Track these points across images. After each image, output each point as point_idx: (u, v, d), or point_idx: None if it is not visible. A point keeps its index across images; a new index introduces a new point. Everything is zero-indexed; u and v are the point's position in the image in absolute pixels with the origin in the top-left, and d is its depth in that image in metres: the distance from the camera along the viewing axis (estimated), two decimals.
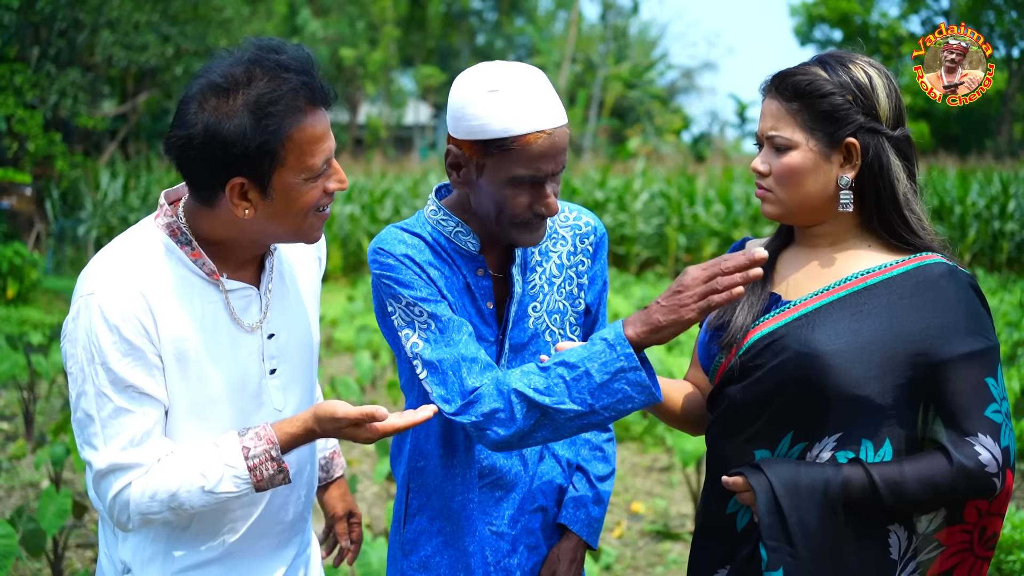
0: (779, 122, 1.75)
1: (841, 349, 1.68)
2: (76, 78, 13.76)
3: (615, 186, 15.49)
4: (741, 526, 1.80)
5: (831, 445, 1.70)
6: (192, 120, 1.60)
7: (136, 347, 1.63)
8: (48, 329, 8.82)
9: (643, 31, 38.21)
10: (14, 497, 4.88)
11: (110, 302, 1.63)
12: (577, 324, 2.01)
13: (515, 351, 1.95)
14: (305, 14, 28.89)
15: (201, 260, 1.71)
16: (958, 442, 1.65)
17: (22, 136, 13.00)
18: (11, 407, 6.58)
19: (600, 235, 2.03)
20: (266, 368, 1.79)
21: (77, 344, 1.64)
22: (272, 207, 1.66)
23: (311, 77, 1.64)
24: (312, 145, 1.64)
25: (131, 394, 1.64)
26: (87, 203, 14.61)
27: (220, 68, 1.63)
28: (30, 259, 10.99)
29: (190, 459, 1.68)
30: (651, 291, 11.31)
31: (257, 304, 1.78)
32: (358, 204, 15.31)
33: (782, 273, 1.85)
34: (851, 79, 1.73)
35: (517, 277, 1.94)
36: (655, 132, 33.11)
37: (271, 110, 1.59)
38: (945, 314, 1.68)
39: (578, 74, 33.03)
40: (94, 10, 13.88)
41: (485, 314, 1.92)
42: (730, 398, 1.79)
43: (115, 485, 1.66)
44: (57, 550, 3.63)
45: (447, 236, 1.91)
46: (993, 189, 14.34)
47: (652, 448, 6.05)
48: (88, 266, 1.70)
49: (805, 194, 1.75)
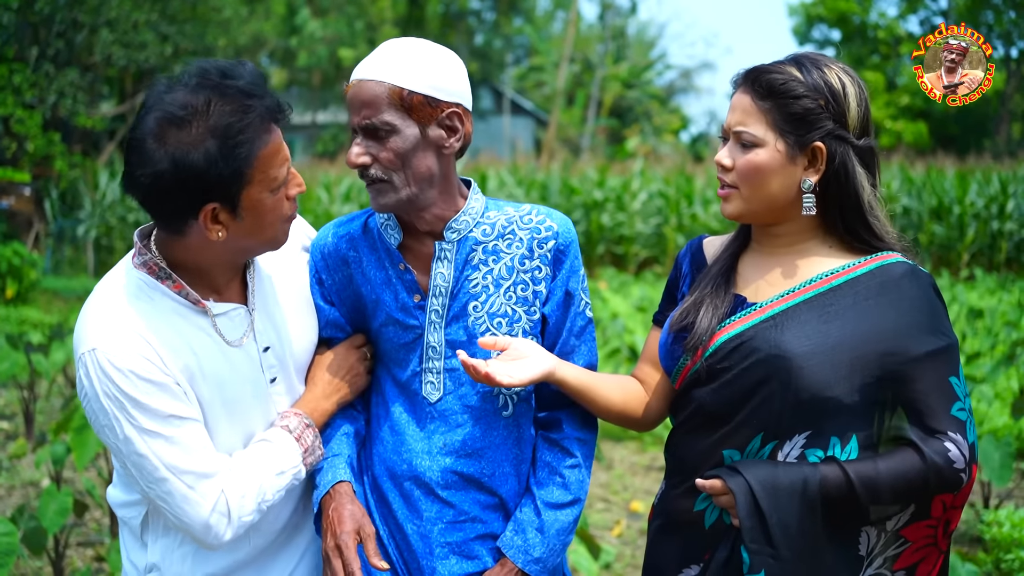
0: (749, 118, 1.74)
1: (811, 351, 1.69)
2: (75, 78, 13.75)
3: (613, 186, 15.50)
4: (709, 523, 1.80)
5: (800, 443, 1.71)
6: (157, 156, 1.59)
7: (157, 382, 1.66)
8: (48, 328, 8.82)
9: (641, 31, 38.21)
10: (15, 496, 4.88)
11: (114, 351, 1.64)
12: (533, 334, 1.93)
13: (452, 347, 1.90)
14: (304, 14, 28.86)
15: (184, 291, 1.73)
16: (927, 439, 1.67)
17: (21, 136, 12.99)
18: (11, 406, 6.58)
19: (564, 242, 1.93)
20: (267, 378, 1.83)
21: (100, 398, 1.65)
22: (243, 225, 1.68)
23: (271, 98, 1.66)
24: (274, 158, 1.67)
25: (173, 422, 1.67)
26: (86, 203, 14.61)
27: (174, 100, 1.61)
28: (29, 259, 10.99)
29: (252, 456, 1.76)
30: (649, 291, 11.32)
31: (246, 320, 1.81)
32: (357, 204, 15.31)
33: (745, 275, 1.85)
34: (825, 83, 1.72)
35: (440, 271, 1.89)
36: (653, 132, 33.12)
37: (241, 139, 1.61)
38: (909, 313, 1.70)
39: (576, 74, 33.04)
40: (93, 10, 13.87)
41: (409, 307, 1.90)
42: (698, 401, 1.79)
43: (209, 497, 1.68)
44: (58, 548, 3.64)
45: (379, 227, 1.94)
46: (992, 189, 14.36)
47: (651, 447, 6.06)
48: (80, 322, 1.70)
49: (768, 194, 1.75)
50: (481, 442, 1.91)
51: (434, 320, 1.89)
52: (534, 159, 21.95)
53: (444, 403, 1.91)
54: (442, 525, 1.90)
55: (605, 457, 5.77)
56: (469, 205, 1.91)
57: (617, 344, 7.51)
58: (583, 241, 14.71)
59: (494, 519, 1.93)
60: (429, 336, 1.89)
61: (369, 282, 1.93)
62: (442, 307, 1.89)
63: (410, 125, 1.78)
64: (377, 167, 1.79)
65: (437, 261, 1.89)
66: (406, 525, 1.92)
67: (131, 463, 1.67)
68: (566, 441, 1.95)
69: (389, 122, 1.76)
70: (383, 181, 1.80)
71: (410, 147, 1.78)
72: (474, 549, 1.91)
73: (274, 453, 1.77)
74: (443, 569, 1.89)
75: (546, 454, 1.95)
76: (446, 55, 1.83)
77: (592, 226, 14.77)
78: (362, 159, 1.79)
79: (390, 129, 1.77)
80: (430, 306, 1.89)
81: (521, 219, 1.93)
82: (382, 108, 1.76)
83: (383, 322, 1.92)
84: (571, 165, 18.74)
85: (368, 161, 1.79)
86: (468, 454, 1.91)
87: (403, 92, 1.76)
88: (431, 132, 1.80)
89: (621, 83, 32.98)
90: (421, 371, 1.91)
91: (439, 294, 1.89)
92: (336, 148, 27.38)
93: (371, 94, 1.77)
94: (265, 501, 1.74)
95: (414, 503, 1.91)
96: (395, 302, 1.90)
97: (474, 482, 1.91)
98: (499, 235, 1.91)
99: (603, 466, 5.70)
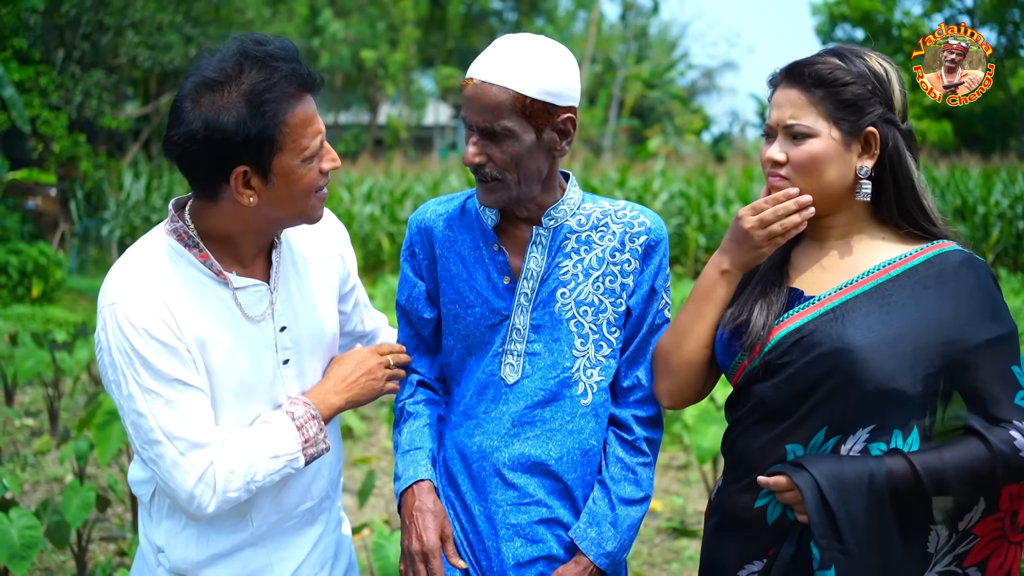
0: (799, 111, 1.74)
1: (875, 343, 1.68)
2: (100, 79, 13.90)
3: (635, 186, 15.46)
4: (771, 519, 1.78)
5: (864, 437, 1.70)
6: (190, 117, 1.66)
7: (168, 344, 1.69)
8: (72, 327, 8.93)
9: (663, 31, 38.13)
10: (39, 491, 4.95)
11: (133, 308, 1.69)
12: (617, 325, 1.95)
13: (536, 331, 1.94)
14: (326, 15, 29.01)
15: (209, 261, 1.77)
16: (992, 428, 1.66)
17: (47, 137, 13.15)
18: (36, 403, 6.67)
19: (656, 238, 1.95)
20: (279, 359, 1.85)
21: (111, 351, 1.70)
22: (274, 192, 1.72)
23: (298, 64, 1.71)
24: (306, 128, 1.71)
25: (176, 386, 1.70)
26: (111, 203, 14.74)
27: (211, 65, 1.68)
28: (55, 259, 11.12)
29: (249, 434, 1.77)
30: (672, 291, 11.27)
31: (267, 298, 1.84)
32: (378, 204, 15.37)
33: (799, 268, 1.84)
34: (869, 69, 1.74)
35: (534, 254, 1.93)
36: (675, 132, 33.03)
37: (267, 97, 1.66)
38: (969, 302, 1.70)
39: (598, 74, 33.00)
40: (118, 12, 14.02)
41: (499, 288, 1.94)
42: (759, 396, 1.77)
43: (197, 466, 1.71)
44: (81, 542, 3.69)
45: (478, 208, 1.98)
46: (1017, 189, 14.21)
47: (669, 446, 6.06)
48: (106, 278, 1.76)
49: (826, 183, 1.75)
50: (553, 427, 1.93)
51: (522, 303, 1.93)
52: None
53: (521, 386, 1.94)
54: (507, 507, 1.93)
55: None
56: (567, 196, 1.95)
57: None
58: None
59: (559, 505, 1.94)
60: (516, 318, 1.93)
61: (462, 260, 1.97)
62: (531, 291, 1.93)
63: (528, 131, 1.81)
64: (492, 167, 1.83)
65: (532, 245, 1.93)
66: (473, 507, 1.96)
67: (130, 421, 1.71)
68: (638, 441, 1.97)
69: (509, 128, 1.80)
70: (496, 180, 1.85)
71: (526, 151, 1.82)
72: (538, 533, 1.93)
73: (272, 436, 1.78)
74: (507, 551, 1.92)
75: (619, 450, 1.97)
76: (564, 57, 1.86)
77: None
78: (479, 159, 1.83)
79: (508, 134, 1.80)
80: (520, 288, 1.93)
81: (616, 213, 1.97)
82: (503, 114, 1.79)
83: (470, 302, 1.96)
84: (592, 165, 18.71)
85: (483, 161, 1.83)
86: (539, 437, 1.93)
87: (526, 100, 1.79)
88: (546, 136, 1.84)
89: (643, 83, 32.92)
90: (503, 352, 1.94)
91: (530, 277, 1.93)
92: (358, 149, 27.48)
93: (494, 100, 1.79)
94: (255, 482, 1.75)
95: (481, 484, 1.95)
96: (487, 282, 1.95)
97: (541, 466, 1.93)
98: (593, 226, 1.95)
99: None
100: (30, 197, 13.68)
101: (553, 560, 1.93)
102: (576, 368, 1.93)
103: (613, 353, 1.96)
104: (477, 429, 1.95)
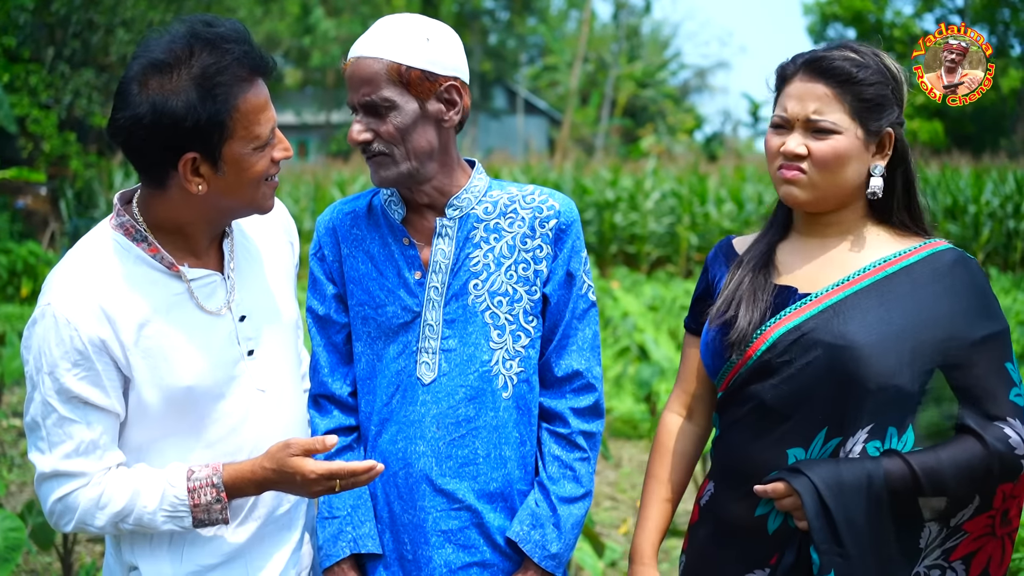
0: (825, 106, 1.72)
1: (877, 339, 1.67)
2: (90, 78, 13.83)
3: (626, 185, 15.47)
4: (773, 528, 1.75)
5: (863, 437, 1.68)
6: (137, 100, 1.60)
7: (87, 358, 1.64)
8: None
9: (655, 30, 38.15)
10: (25, 492, 4.92)
11: (65, 312, 1.63)
12: (534, 314, 1.91)
13: (450, 326, 1.89)
14: (318, 14, 28.95)
15: (159, 255, 1.71)
16: (987, 425, 1.66)
17: (37, 136, 13.08)
18: (23, 404, 6.63)
19: (566, 221, 1.91)
20: (243, 350, 1.79)
21: (31, 351, 1.67)
22: (224, 181, 1.67)
23: (250, 47, 1.66)
24: (258, 114, 1.66)
25: (76, 404, 1.65)
26: (101, 202, 14.69)
27: (159, 46, 1.62)
28: (44, 258, 11.08)
29: (139, 476, 1.70)
30: (662, 290, 11.30)
31: (223, 289, 1.78)
32: None
33: (789, 264, 1.81)
34: (887, 68, 1.74)
35: (441, 247, 1.89)
36: (667, 131, 33.06)
37: (218, 80, 1.61)
38: (964, 299, 1.70)
39: (590, 73, 33.00)
40: (108, 10, 13.96)
41: (410, 284, 1.90)
42: (758, 398, 1.75)
43: (57, 491, 1.68)
44: (67, 544, 3.66)
45: (383, 204, 1.94)
46: (1007, 188, 14.25)
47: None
48: (49, 275, 1.71)
49: (843, 180, 1.74)
50: (478, 424, 1.88)
51: (433, 298, 1.88)
52: (547, 158, 21.94)
53: (439, 384, 1.88)
54: (437, 513, 1.88)
55: (613, 456, 5.76)
56: (472, 183, 1.91)
57: (627, 343, 7.51)
58: (595, 241, 14.69)
59: (490, 508, 1.90)
60: (427, 314, 1.88)
61: (371, 259, 1.92)
62: (442, 284, 1.88)
63: (409, 100, 1.79)
64: (379, 142, 1.81)
65: (438, 237, 1.89)
66: (401, 516, 1.90)
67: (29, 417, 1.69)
68: (574, 435, 1.93)
69: (388, 98, 1.78)
70: (384, 155, 1.82)
71: (410, 122, 1.80)
72: (470, 538, 1.89)
73: (158, 488, 1.68)
74: (439, 558, 1.88)
75: (554, 448, 1.93)
76: (441, 29, 1.84)
77: (605, 225, 14.76)
78: (364, 136, 1.81)
79: (390, 105, 1.78)
80: (429, 283, 1.88)
81: (524, 198, 1.93)
82: (381, 85, 1.78)
83: (380, 301, 1.91)
84: (584, 164, 18.71)
85: (370, 137, 1.81)
86: (463, 436, 1.88)
87: (401, 68, 1.78)
88: (430, 106, 1.81)
89: (635, 82, 32.93)
90: (417, 351, 1.89)
91: (439, 270, 1.88)
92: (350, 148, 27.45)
93: (370, 71, 1.78)
94: (127, 524, 1.69)
95: (408, 492, 1.89)
96: (397, 278, 1.90)
97: (470, 467, 1.89)
98: (501, 213, 1.91)
99: (611, 464, 5.69)
100: (20, 196, 13.63)
101: (486, 566, 1.90)
102: (495, 361, 1.89)
103: (532, 343, 1.92)
104: (399, 435, 1.90)
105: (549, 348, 1.94)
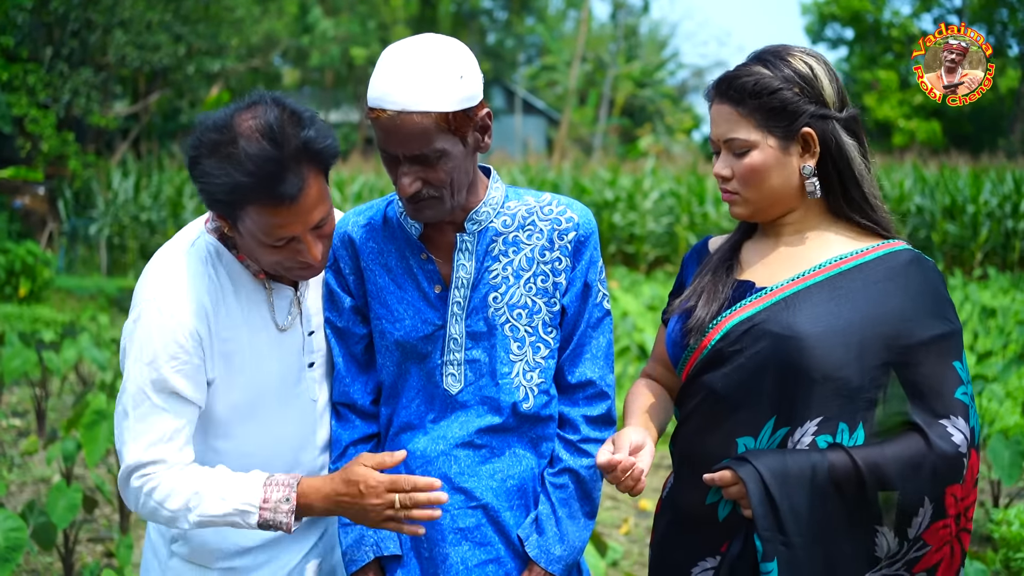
0: (733, 125, 1.78)
1: (823, 331, 1.71)
2: (89, 78, 13.82)
3: (625, 185, 15.48)
4: (723, 516, 1.80)
5: (812, 429, 1.72)
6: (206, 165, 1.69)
7: (187, 351, 1.72)
8: (60, 327, 8.88)
9: (654, 30, 38.14)
10: (26, 492, 4.92)
11: (169, 308, 1.72)
12: (553, 325, 1.93)
13: (473, 338, 1.90)
14: (316, 13, 28.91)
15: (246, 261, 1.80)
16: (932, 423, 1.69)
17: (35, 136, 13.06)
18: (23, 403, 6.63)
19: (585, 233, 1.91)
20: (305, 362, 1.89)
21: (134, 343, 1.74)
22: (244, 243, 1.76)
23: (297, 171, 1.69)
24: (267, 227, 1.70)
25: (168, 395, 1.73)
26: (99, 202, 14.69)
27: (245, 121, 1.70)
28: (42, 258, 11.06)
29: (215, 470, 1.76)
30: (660, 290, 11.30)
31: (295, 304, 1.88)
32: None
33: (750, 261, 1.87)
34: (794, 71, 1.76)
35: (463, 262, 1.88)
36: (666, 131, 33.06)
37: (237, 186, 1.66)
38: (915, 299, 1.73)
39: (588, 73, 33.00)
40: (107, 10, 13.94)
41: (431, 298, 1.90)
42: (709, 387, 1.80)
43: (141, 478, 1.74)
44: (68, 544, 3.66)
45: (399, 216, 1.93)
46: (1006, 188, 14.27)
47: (659, 446, 6.05)
48: (148, 270, 1.79)
49: (770, 190, 1.78)
50: (501, 432, 1.91)
51: (455, 312, 1.89)
52: (546, 158, 21.94)
53: (464, 395, 1.91)
54: (455, 511, 1.90)
55: None
56: (489, 195, 1.90)
57: (627, 343, 7.52)
58: None
59: (506, 507, 1.92)
60: (451, 328, 1.89)
61: (390, 272, 1.92)
62: (464, 298, 1.89)
63: (456, 143, 1.75)
64: (428, 188, 1.77)
65: (459, 252, 1.88)
66: None
67: (121, 407, 1.75)
68: (583, 443, 1.95)
69: (439, 148, 1.73)
70: (433, 198, 1.78)
71: (460, 163, 1.77)
72: (486, 535, 1.91)
73: (233, 483, 1.74)
74: (455, 556, 1.90)
75: (563, 453, 1.96)
76: (464, 56, 1.77)
77: (603, 225, 14.76)
78: (415, 187, 1.76)
79: (441, 154, 1.74)
80: (452, 297, 1.89)
81: (541, 209, 1.92)
82: (432, 138, 1.72)
83: (399, 315, 1.91)
84: (583, 164, 18.71)
85: (420, 187, 1.76)
86: (487, 445, 1.91)
87: (448, 116, 1.72)
88: (470, 139, 1.79)
89: (633, 82, 32.93)
90: (442, 363, 1.91)
91: (462, 286, 1.88)
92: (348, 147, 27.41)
93: (419, 128, 1.71)
94: (192, 512, 1.72)
95: None
96: (417, 292, 1.90)
97: (489, 470, 1.91)
98: (519, 226, 1.91)
99: None
100: (18, 196, 13.62)
101: (502, 563, 1.92)
102: (515, 373, 1.91)
103: (551, 354, 1.94)
104: (422, 436, 1.92)
105: (563, 356, 1.95)
